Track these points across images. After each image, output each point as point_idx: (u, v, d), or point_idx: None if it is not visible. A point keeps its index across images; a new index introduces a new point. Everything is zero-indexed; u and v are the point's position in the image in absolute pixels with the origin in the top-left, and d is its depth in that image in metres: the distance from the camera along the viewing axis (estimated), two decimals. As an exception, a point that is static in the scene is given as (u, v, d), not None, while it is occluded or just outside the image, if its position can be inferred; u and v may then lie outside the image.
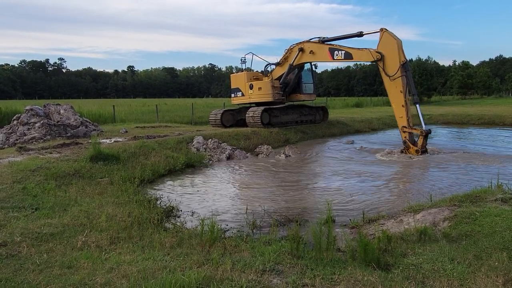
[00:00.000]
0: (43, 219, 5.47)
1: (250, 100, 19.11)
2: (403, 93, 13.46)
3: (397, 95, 13.69)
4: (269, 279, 3.56)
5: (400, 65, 13.46)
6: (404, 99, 13.48)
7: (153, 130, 16.82)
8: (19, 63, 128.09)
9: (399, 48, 13.62)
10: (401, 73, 13.45)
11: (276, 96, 18.32)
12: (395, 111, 13.91)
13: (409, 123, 13.48)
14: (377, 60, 14.10)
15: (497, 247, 4.06)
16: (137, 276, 3.63)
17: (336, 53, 15.83)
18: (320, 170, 11.63)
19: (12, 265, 3.97)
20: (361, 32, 15.37)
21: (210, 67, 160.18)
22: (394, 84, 13.71)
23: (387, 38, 13.93)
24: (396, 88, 13.68)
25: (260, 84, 18.64)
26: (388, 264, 3.98)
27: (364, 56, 14.87)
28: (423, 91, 56.49)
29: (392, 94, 13.87)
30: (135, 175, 9.17)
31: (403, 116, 13.54)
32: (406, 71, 13.54)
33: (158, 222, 5.93)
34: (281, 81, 18.48)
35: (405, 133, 13.51)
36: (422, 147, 13.19)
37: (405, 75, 13.50)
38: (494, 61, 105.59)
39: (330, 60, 16.18)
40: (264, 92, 18.39)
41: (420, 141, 13.24)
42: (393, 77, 13.60)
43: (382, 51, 13.99)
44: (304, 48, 17.23)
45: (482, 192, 6.10)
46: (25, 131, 13.43)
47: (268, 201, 8.05)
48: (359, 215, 6.41)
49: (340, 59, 15.76)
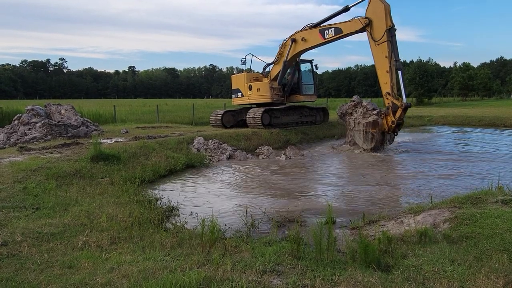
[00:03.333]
0: (44, 219, 5.48)
1: (249, 101, 19.09)
2: (388, 58, 13.40)
3: (382, 60, 13.64)
4: (270, 280, 3.57)
5: (386, 29, 13.40)
6: (389, 65, 13.42)
7: (154, 131, 16.83)
8: (20, 63, 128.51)
9: (386, 12, 13.56)
10: (386, 38, 13.39)
11: (275, 97, 18.23)
12: (379, 77, 13.84)
13: (392, 90, 13.45)
14: (366, 26, 13.99)
15: (498, 249, 4.05)
16: (138, 276, 3.63)
17: (326, 32, 15.73)
18: (321, 171, 11.63)
19: (13, 264, 3.98)
20: (347, 6, 15.23)
21: (211, 68, 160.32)
22: (379, 50, 13.64)
23: (375, 2, 13.85)
24: (381, 53, 13.62)
25: (258, 85, 18.62)
26: (389, 265, 3.98)
27: (353, 25, 14.68)
28: (423, 92, 56.49)
29: (377, 59, 13.83)
30: (136, 175, 9.18)
31: (387, 83, 13.51)
32: (391, 36, 13.46)
33: (159, 222, 5.94)
34: (278, 81, 18.28)
35: (388, 100, 13.56)
36: (399, 120, 13.33)
37: (390, 40, 13.43)
38: (494, 62, 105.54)
39: (322, 41, 15.97)
40: (263, 93, 18.36)
41: (398, 113, 13.29)
42: (379, 41, 13.56)
43: (370, 16, 13.93)
44: (296, 38, 17.16)
45: (483, 194, 6.10)
46: (26, 131, 13.45)
47: (268, 202, 8.05)
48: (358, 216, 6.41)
49: (331, 37, 15.57)
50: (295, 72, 19.10)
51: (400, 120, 13.41)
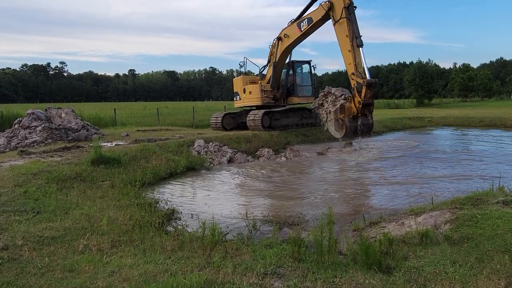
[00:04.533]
0: (44, 223, 5.48)
1: (244, 104, 19.32)
2: (349, 37, 13.05)
3: (343, 40, 13.36)
4: (271, 283, 3.56)
5: (344, 7, 13.17)
6: (350, 44, 13.03)
7: (154, 133, 16.85)
8: (21, 67, 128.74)
9: None
10: (345, 15, 13.13)
11: (265, 100, 18.20)
12: (344, 58, 13.45)
13: (357, 69, 12.85)
14: (329, 11, 13.81)
15: (499, 250, 4.04)
16: (139, 279, 3.63)
17: (302, 24, 15.69)
18: (321, 173, 11.62)
19: (14, 268, 3.98)
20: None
21: (211, 71, 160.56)
22: (340, 29, 13.41)
23: None
24: (343, 33, 13.35)
25: (250, 88, 18.78)
26: (390, 267, 3.98)
27: (319, 11, 14.52)
28: (423, 93, 56.57)
29: (340, 40, 13.55)
30: (136, 178, 9.18)
31: (351, 63, 13.06)
32: (350, 13, 13.15)
33: (159, 226, 5.94)
34: (271, 82, 18.21)
35: (353, 80, 12.96)
36: (365, 99, 12.50)
37: (349, 17, 13.13)
38: (494, 63, 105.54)
39: (299, 33, 15.93)
40: (254, 96, 18.48)
41: (363, 92, 12.47)
42: (338, 21, 13.31)
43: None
44: (280, 36, 17.24)
45: (484, 195, 6.09)
46: (26, 134, 13.46)
47: (269, 204, 8.05)
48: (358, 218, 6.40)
49: (306, 28, 15.52)
50: (288, 73, 19.10)
51: (367, 100, 12.48)
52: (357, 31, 13.15)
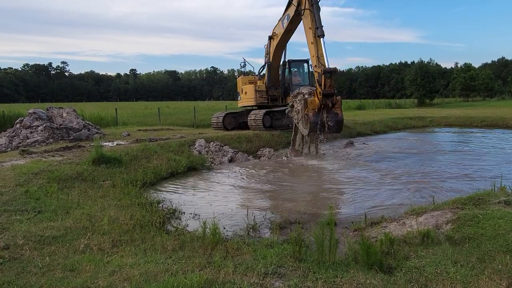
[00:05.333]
0: (45, 222, 5.49)
1: (242, 104, 19.52)
2: (312, 29, 12.82)
3: (308, 32, 13.16)
4: (271, 282, 3.55)
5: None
6: (313, 35, 12.76)
7: (155, 133, 16.85)
8: (22, 66, 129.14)
9: None
10: (308, 6, 12.95)
11: (259, 100, 18.26)
12: (309, 51, 13.18)
13: (319, 61, 12.40)
14: (299, 6, 13.63)
15: (501, 250, 4.03)
16: (139, 279, 3.63)
17: (284, 21, 15.61)
18: (322, 173, 11.61)
19: (15, 268, 3.98)
20: None
21: (212, 70, 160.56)
22: (306, 22, 13.19)
23: None
24: (307, 25, 13.17)
25: (246, 88, 18.89)
26: (391, 267, 3.97)
27: (292, 7, 14.38)
28: (425, 93, 56.50)
29: (305, 33, 13.32)
30: (137, 178, 9.19)
31: (314, 55, 12.76)
32: (312, 4, 12.90)
33: (160, 225, 5.94)
34: (266, 82, 18.21)
35: (316, 73, 12.66)
36: (326, 89, 11.90)
37: (310, 9, 12.88)
38: (496, 63, 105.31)
39: (283, 30, 15.84)
40: (249, 96, 18.59)
41: (322, 81, 11.96)
42: (303, 14, 13.14)
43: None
44: (271, 35, 17.31)
45: (485, 195, 6.07)
46: (28, 134, 13.49)
47: (269, 204, 8.04)
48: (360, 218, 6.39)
49: (287, 25, 15.40)
50: (284, 73, 19.09)
51: (327, 90, 11.89)
52: (318, 21, 12.82)
